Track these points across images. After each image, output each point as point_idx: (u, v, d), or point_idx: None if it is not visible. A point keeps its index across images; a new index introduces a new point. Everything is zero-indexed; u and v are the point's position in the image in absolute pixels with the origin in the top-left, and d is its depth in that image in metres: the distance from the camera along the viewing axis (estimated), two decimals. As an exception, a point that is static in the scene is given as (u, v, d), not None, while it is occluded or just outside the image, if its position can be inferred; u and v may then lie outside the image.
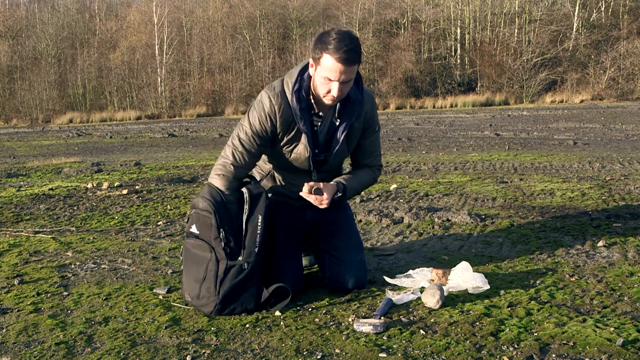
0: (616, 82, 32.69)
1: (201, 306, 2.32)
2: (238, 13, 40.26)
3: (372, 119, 2.59)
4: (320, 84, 2.34)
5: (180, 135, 16.54)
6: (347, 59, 2.25)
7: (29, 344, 2.09)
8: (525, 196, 4.76)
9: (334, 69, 2.27)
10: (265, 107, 2.41)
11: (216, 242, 2.30)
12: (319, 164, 2.55)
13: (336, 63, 2.26)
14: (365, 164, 2.68)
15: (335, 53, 2.24)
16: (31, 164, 8.80)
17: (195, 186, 5.89)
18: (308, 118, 2.43)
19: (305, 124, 2.41)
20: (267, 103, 2.40)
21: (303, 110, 2.40)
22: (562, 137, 11.77)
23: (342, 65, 2.26)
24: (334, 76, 2.28)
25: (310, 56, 2.37)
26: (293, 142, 2.46)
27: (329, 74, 2.29)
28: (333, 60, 2.25)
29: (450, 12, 37.44)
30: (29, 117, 35.91)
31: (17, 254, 3.34)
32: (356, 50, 2.28)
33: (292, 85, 2.40)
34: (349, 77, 2.31)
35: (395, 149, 9.92)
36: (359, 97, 2.48)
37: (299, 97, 2.39)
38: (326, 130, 2.51)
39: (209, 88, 37.23)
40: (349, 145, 2.56)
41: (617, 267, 2.80)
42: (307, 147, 2.46)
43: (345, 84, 2.32)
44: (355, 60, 2.29)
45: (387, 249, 3.28)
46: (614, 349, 1.90)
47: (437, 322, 2.18)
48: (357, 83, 2.49)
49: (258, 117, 2.41)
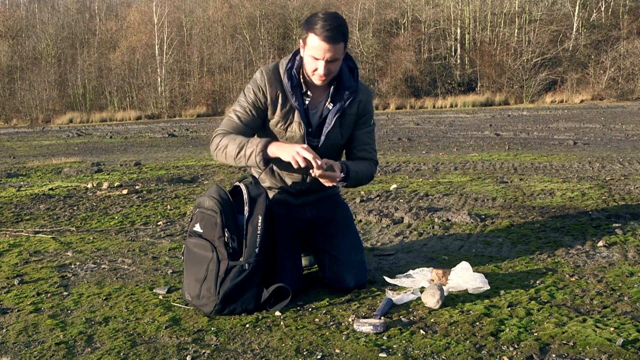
0: (616, 82, 32.69)
1: (201, 306, 2.32)
2: (238, 13, 40.27)
3: (367, 109, 2.63)
4: (308, 63, 2.45)
5: (180, 135, 16.55)
6: (330, 36, 2.35)
7: (29, 344, 2.09)
8: (525, 196, 4.76)
9: (319, 47, 2.37)
10: (257, 80, 2.54)
11: (219, 241, 2.31)
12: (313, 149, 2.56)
13: (321, 42, 2.36)
14: (361, 157, 2.67)
15: (320, 32, 2.35)
16: (31, 164, 8.80)
17: (195, 186, 5.90)
18: (300, 96, 2.52)
19: (297, 100, 2.50)
20: (259, 76, 2.54)
21: (295, 88, 2.50)
22: (562, 137, 11.77)
23: (326, 43, 2.36)
24: (319, 54, 2.38)
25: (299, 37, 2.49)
26: (287, 120, 2.54)
27: (314, 52, 2.39)
28: (318, 39, 2.36)
29: (450, 12, 37.44)
30: (29, 117, 35.93)
31: (17, 254, 3.34)
32: (340, 30, 2.38)
33: (285, 64, 2.52)
34: (334, 55, 2.39)
35: (395, 149, 9.92)
36: (352, 84, 2.56)
37: (291, 75, 2.51)
38: (319, 114, 2.56)
39: (209, 88, 37.25)
40: (342, 131, 2.58)
41: (617, 267, 2.80)
42: (301, 124, 2.52)
43: (331, 63, 2.41)
44: (339, 38, 2.38)
45: (387, 249, 3.28)
46: (614, 349, 1.90)
47: (437, 322, 2.18)
48: (353, 72, 2.57)
49: (252, 88, 2.54)
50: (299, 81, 2.52)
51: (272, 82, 2.52)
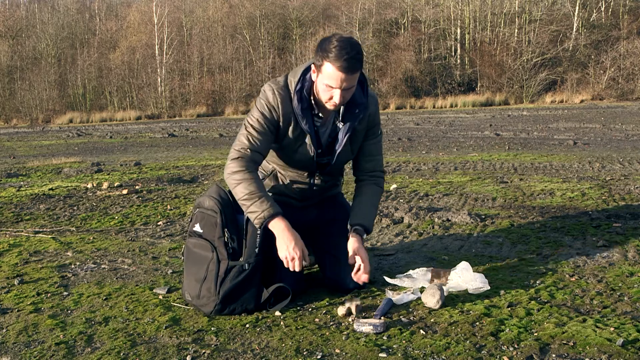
0: (616, 82, 32.69)
1: (201, 306, 2.32)
2: (238, 13, 40.27)
3: (375, 121, 2.61)
4: (322, 91, 2.35)
5: (180, 135, 16.55)
6: (347, 67, 2.26)
7: (29, 344, 2.09)
8: (525, 196, 4.76)
9: (335, 77, 2.28)
10: (269, 98, 2.43)
11: (219, 241, 2.31)
12: (322, 166, 2.57)
13: (337, 71, 2.27)
14: (367, 168, 2.66)
15: (336, 61, 2.25)
16: (31, 164, 8.80)
17: (195, 186, 5.90)
18: (310, 118, 2.45)
19: (307, 123, 2.43)
20: (270, 95, 2.43)
21: (305, 110, 2.42)
22: (562, 137, 11.77)
23: (342, 73, 2.27)
24: (335, 84, 2.30)
25: (312, 62, 2.39)
26: (297, 142, 2.48)
27: (330, 81, 2.30)
28: (334, 68, 2.27)
29: (450, 12, 37.44)
30: (29, 117, 35.93)
31: (17, 254, 3.34)
32: (357, 58, 2.28)
33: (295, 84, 2.42)
34: (350, 84, 2.32)
35: (395, 149, 9.92)
36: (363, 100, 2.49)
37: (301, 97, 2.41)
38: (329, 133, 2.53)
39: (209, 88, 37.25)
40: (352, 147, 2.57)
41: (617, 267, 2.80)
42: (312, 147, 2.48)
43: (347, 91, 2.34)
44: (356, 68, 2.30)
45: (387, 249, 3.28)
46: (614, 349, 1.90)
47: (437, 322, 2.18)
48: (362, 86, 2.50)
49: (265, 104, 2.44)
50: (310, 103, 2.45)
51: (284, 103, 2.42)
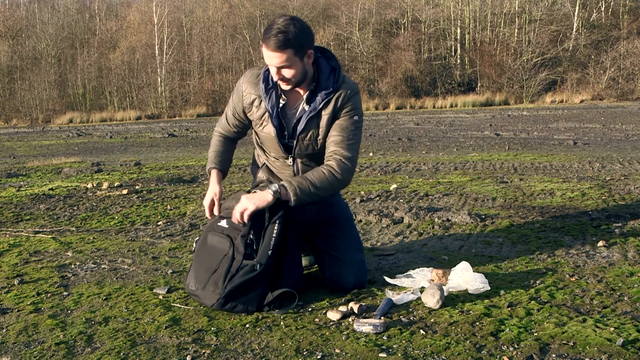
0: (616, 82, 32.69)
1: (204, 297, 2.33)
2: (238, 13, 40.27)
3: (349, 102, 2.49)
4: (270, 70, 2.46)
5: (180, 135, 16.55)
6: (270, 44, 2.32)
7: (29, 344, 2.09)
8: (525, 196, 4.76)
9: (266, 55, 2.37)
10: (239, 83, 2.63)
11: (241, 240, 2.34)
12: (290, 150, 2.59)
13: (266, 50, 2.35)
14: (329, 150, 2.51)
15: (264, 40, 2.35)
16: (31, 164, 8.80)
17: (195, 186, 5.89)
18: (274, 98, 2.52)
19: (270, 102, 2.51)
20: (241, 80, 2.62)
21: (268, 90, 2.51)
22: (562, 137, 11.78)
23: (269, 50, 2.33)
24: (268, 62, 2.38)
25: None
26: (262, 122, 2.57)
27: (266, 59, 2.39)
28: (264, 47, 2.35)
29: (450, 12, 37.44)
30: (29, 117, 35.91)
31: (17, 254, 3.34)
32: (279, 36, 2.29)
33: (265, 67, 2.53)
34: (282, 62, 2.34)
35: (395, 149, 9.92)
36: (329, 85, 2.48)
37: (266, 77, 2.52)
38: (296, 117, 2.54)
39: (209, 88, 37.24)
40: (317, 131, 2.52)
41: (617, 267, 2.80)
42: (272, 126, 2.52)
43: (285, 69, 2.37)
44: (280, 46, 2.30)
45: (387, 249, 3.28)
46: (614, 349, 1.90)
47: (437, 322, 2.18)
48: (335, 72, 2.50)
49: (235, 91, 2.65)
50: (275, 83, 2.51)
51: (251, 86, 2.55)
